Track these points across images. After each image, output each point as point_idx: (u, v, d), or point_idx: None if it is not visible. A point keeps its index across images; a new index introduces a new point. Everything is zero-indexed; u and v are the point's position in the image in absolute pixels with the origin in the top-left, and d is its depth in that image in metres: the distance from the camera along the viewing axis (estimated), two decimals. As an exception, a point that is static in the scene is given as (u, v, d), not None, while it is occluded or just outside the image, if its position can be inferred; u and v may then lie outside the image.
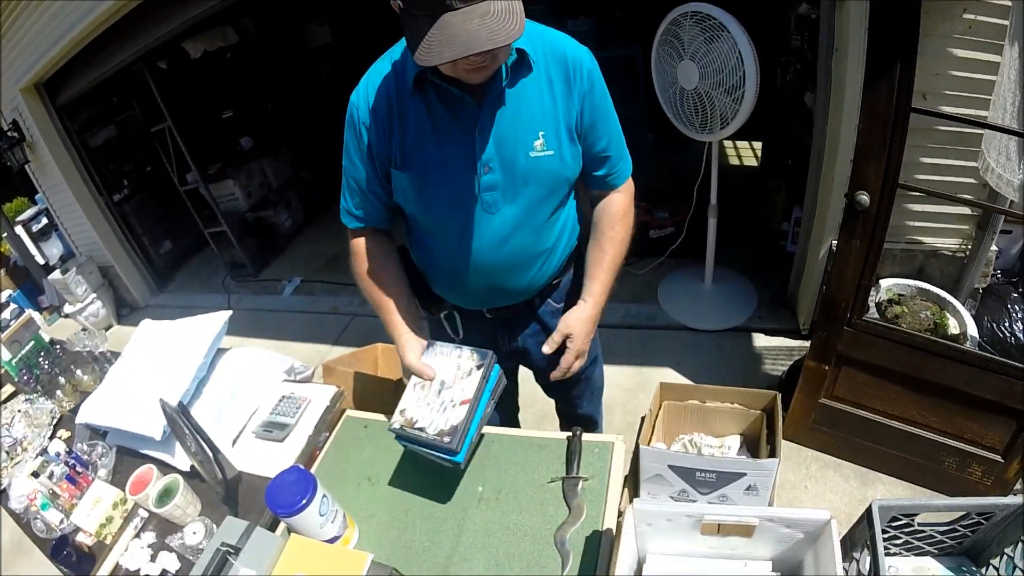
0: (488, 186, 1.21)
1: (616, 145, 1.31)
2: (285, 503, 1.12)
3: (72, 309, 4.27)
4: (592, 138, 1.26)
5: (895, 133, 1.61)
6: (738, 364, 2.78)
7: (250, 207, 4.71)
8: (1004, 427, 1.87)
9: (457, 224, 1.27)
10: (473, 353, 1.27)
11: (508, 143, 1.18)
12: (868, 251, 1.79)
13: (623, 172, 1.35)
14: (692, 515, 0.94)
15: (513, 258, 1.32)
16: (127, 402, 1.61)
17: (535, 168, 1.21)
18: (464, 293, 1.43)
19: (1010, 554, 0.99)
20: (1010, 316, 2.03)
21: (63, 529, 1.53)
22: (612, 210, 1.37)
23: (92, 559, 1.46)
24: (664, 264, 3.38)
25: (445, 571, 1.19)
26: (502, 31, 0.93)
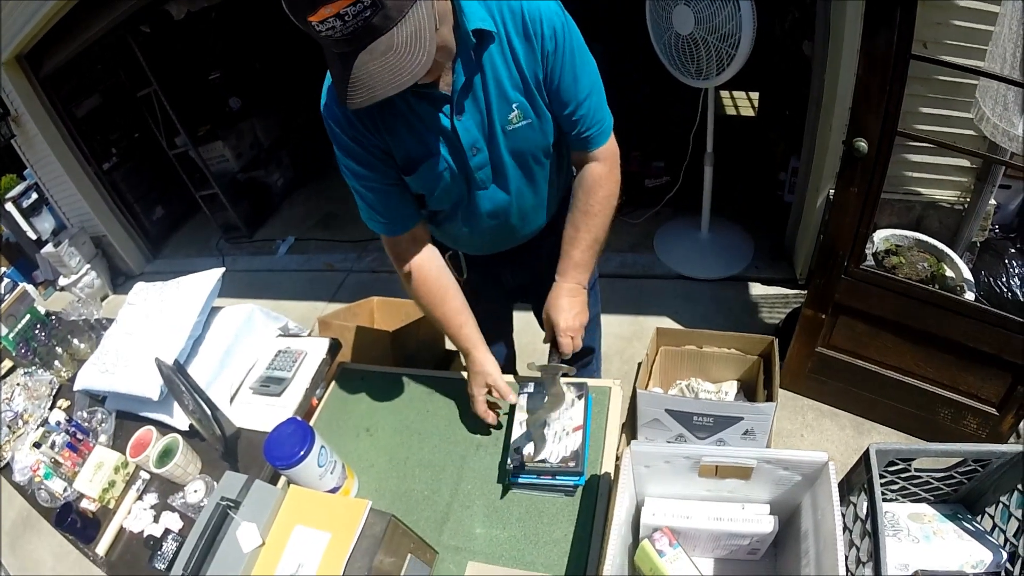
0: (479, 165, 1.21)
1: (591, 104, 1.21)
2: (283, 455, 1.12)
3: (67, 281, 4.25)
4: (563, 98, 1.18)
5: (894, 79, 1.58)
6: (734, 313, 2.79)
7: (241, 168, 4.66)
8: (1000, 380, 1.88)
9: (457, 205, 1.30)
10: (570, 386, 1.30)
11: (487, 121, 1.16)
12: (866, 198, 1.77)
13: (600, 134, 1.26)
14: (690, 457, 0.94)
15: (511, 220, 1.35)
16: (123, 365, 1.60)
17: (516, 141, 1.20)
18: (468, 245, 1.47)
19: (1005, 502, 1.00)
20: (1007, 271, 2.02)
21: (67, 497, 1.54)
22: (587, 181, 1.29)
23: (97, 524, 1.48)
24: (660, 213, 3.36)
25: (445, 518, 1.21)
26: (406, 68, 0.86)
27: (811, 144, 2.55)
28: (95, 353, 1.72)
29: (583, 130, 1.23)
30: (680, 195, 3.19)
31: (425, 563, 1.09)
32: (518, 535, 1.15)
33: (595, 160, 1.28)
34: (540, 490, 1.20)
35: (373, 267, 3.90)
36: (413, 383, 1.53)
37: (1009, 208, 2.30)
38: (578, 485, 1.17)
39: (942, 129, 1.99)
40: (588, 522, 1.12)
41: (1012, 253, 2.05)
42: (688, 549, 1.01)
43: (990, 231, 2.23)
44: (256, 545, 1.01)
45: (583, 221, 1.30)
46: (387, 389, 1.53)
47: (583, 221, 1.30)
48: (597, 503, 1.14)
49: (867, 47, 1.60)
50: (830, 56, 2.24)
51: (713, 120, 2.73)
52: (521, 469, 1.20)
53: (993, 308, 1.81)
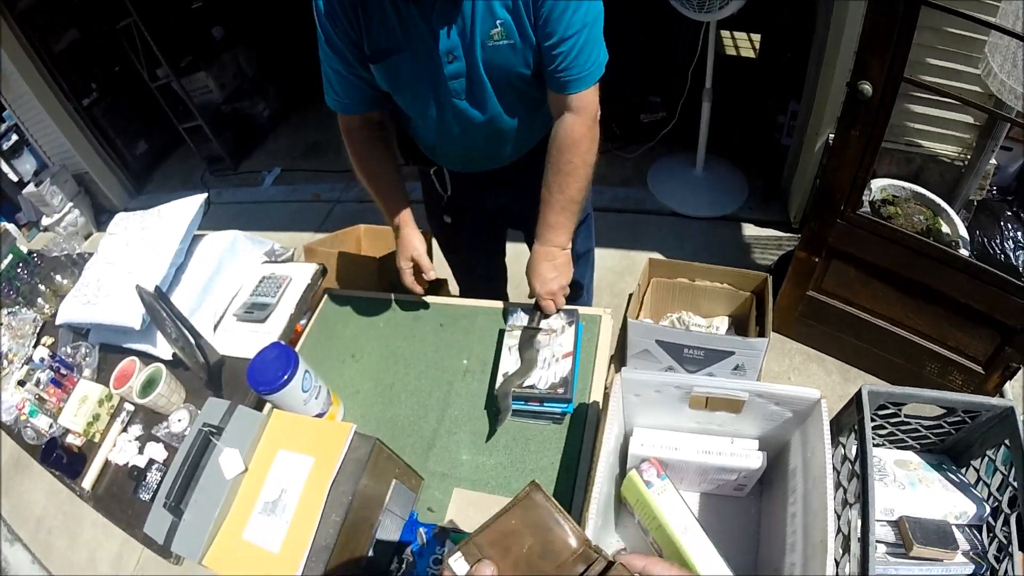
0: (454, 74, 1.17)
1: (578, 44, 1.13)
2: (266, 380, 1.11)
3: (50, 221, 4.19)
4: (548, 28, 1.11)
5: (904, 23, 1.52)
6: (727, 252, 2.79)
7: (225, 99, 4.53)
8: (988, 339, 1.89)
9: (430, 110, 1.26)
10: (560, 312, 1.27)
11: (468, 31, 1.12)
12: (867, 143, 1.74)
13: (578, 80, 1.16)
14: (681, 386, 0.93)
15: (488, 138, 1.32)
16: (105, 295, 1.57)
17: (495, 58, 1.15)
18: (447, 160, 1.44)
19: (992, 456, 0.99)
20: (1002, 233, 2.01)
21: (52, 433, 1.53)
22: (561, 138, 1.22)
23: (82, 458, 1.47)
24: (654, 149, 3.32)
25: (431, 444, 1.21)
26: None
27: (812, 87, 2.50)
28: (76, 285, 1.69)
29: (561, 69, 1.15)
30: (676, 131, 3.15)
31: (410, 489, 1.08)
32: (504, 462, 1.14)
33: (571, 111, 1.20)
34: (527, 417, 1.19)
35: (361, 197, 3.84)
36: (399, 309, 1.52)
37: (1008, 170, 2.28)
38: (566, 413, 1.16)
39: (949, 82, 1.94)
40: (575, 450, 1.12)
41: (1008, 216, 2.04)
42: (675, 482, 1.00)
43: (988, 191, 2.21)
44: (239, 471, 1.00)
45: (557, 182, 1.24)
46: (373, 315, 1.51)
47: (557, 182, 1.24)
48: (584, 432, 1.14)
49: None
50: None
51: (713, 56, 2.67)
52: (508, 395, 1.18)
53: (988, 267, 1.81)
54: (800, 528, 0.86)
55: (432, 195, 1.60)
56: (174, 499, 1.00)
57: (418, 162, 1.52)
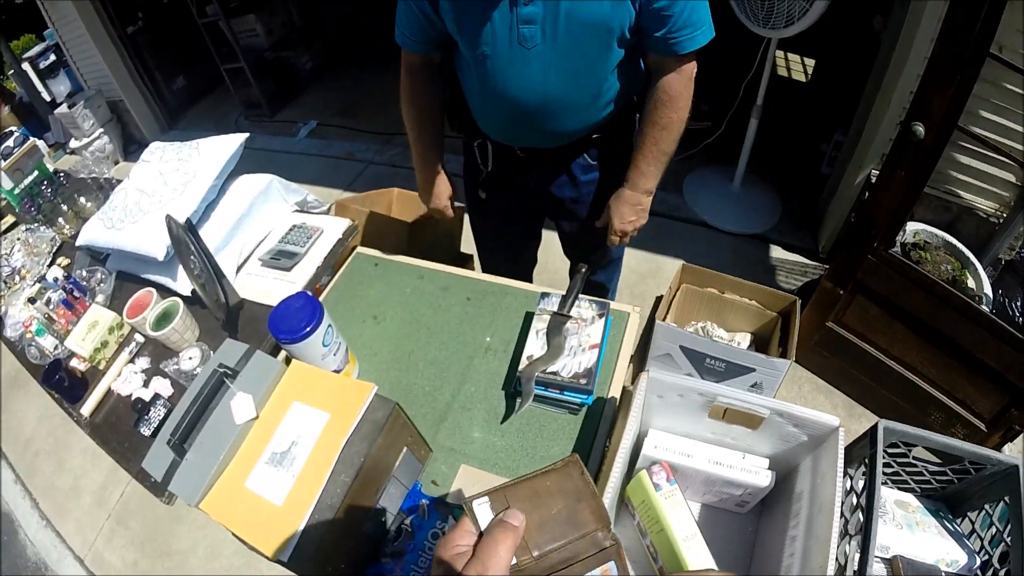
0: (527, 18, 1.13)
1: (683, 6, 1.13)
2: (289, 328, 1.09)
3: (78, 144, 4.19)
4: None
5: (965, 72, 1.51)
6: (751, 271, 2.77)
7: (271, 45, 4.53)
8: (996, 397, 1.88)
9: (492, 54, 1.21)
10: (592, 303, 1.26)
11: None
12: (911, 185, 1.73)
13: (689, 40, 1.18)
14: (705, 394, 0.92)
15: (546, 100, 1.27)
16: (131, 222, 1.56)
17: (580, 9, 1.11)
18: (495, 123, 1.41)
19: (989, 510, 1.00)
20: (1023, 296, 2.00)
21: (57, 354, 1.52)
22: (662, 94, 1.27)
23: (84, 384, 1.46)
24: (694, 157, 3.29)
25: (443, 417, 1.20)
26: None
27: (861, 121, 2.48)
28: (102, 208, 1.68)
29: (672, 31, 1.16)
30: (719, 143, 3.12)
31: (418, 459, 1.08)
32: (515, 445, 1.14)
33: (674, 72, 1.23)
34: (547, 403, 1.18)
35: (395, 161, 3.85)
36: (427, 277, 1.50)
37: (1041, 236, 2.27)
38: (585, 404, 1.15)
39: (998, 138, 1.93)
40: (587, 443, 1.11)
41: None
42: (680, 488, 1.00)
43: (1017, 253, 2.20)
44: (250, 417, 0.99)
45: (652, 134, 1.32)
46: (400, 279, 1.50)
47: (652, 134, 1.32)
48: (600, 426, 1.13)
49: (945, 34, 1.54)
50: (903, 35, 2.14)
51: (769, 74, 2.65)
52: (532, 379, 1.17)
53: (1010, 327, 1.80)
54: (799, 553, 0.86)
55: (472, 168, 1.60)
56: (179, 438, 0.98)
57: (463, 131, 1.51)
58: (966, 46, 1.48)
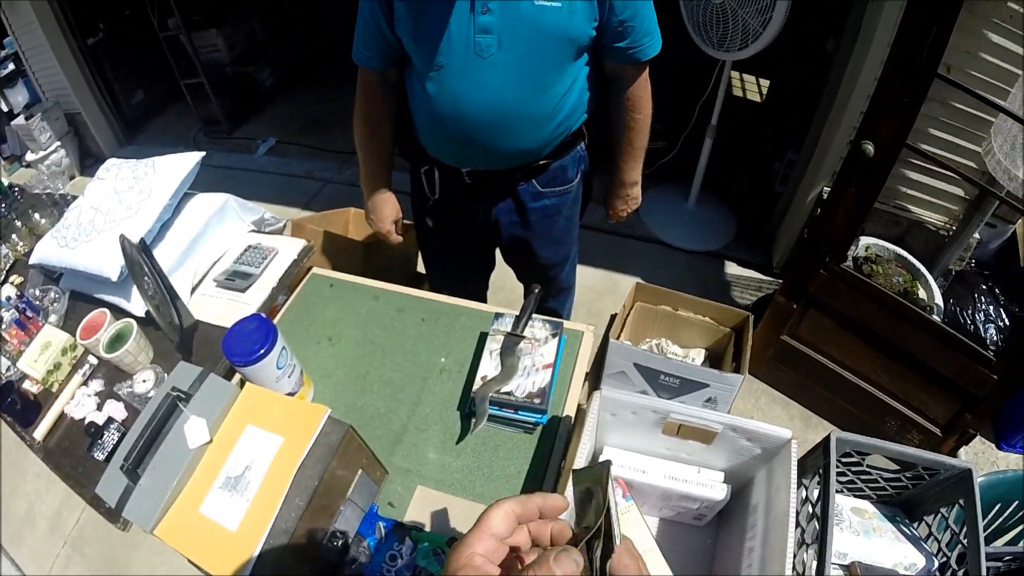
0: (483, 28, 1.13)
1: (643, 18, 1.21)
2: (243, 351, 1.08)
3: (34, 157, 4.08)
4: (616, 3, 1.16)
5: (914, 92, 1.58)
6: (707, 287, 2.83)
7: (232, 60, 4.48)
8: (950, 404, 1.94)
9: (447, 64, 1.20)
10: (545, 323, 1.27)
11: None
12: (861, 201, 1.79)
13: (649, 47, 1.27)
14: (658, 411, 0.93)
15: (499, 115, 1.25)
16: (85, 241, 1.52)
17: (538, 19, 1.12)
18: (444, 143, 1.38)
19: (945, 514, 1.02)
20: (974, 305, 2.07)
21: (8, 376, 1.47)
22: (627, 101, 1.39)
23: (37, 407, 1.42)
24: (651, 176, 3.30)
25: (398, 439, 1.19)
26: None
27: (814, 140, 2.55)
28: (56, 226, 1.63)
29: (635, 41, 1.23)
30: (674, 162, 3.19)
31: (374, 481, 1.07)
32: (471, 465, 1.13)
33: (635, 79, 1.32)
34: (500, 423, 1.18)
35: (353, 180, 3.82)
36: (383, 297, 1.49)
37: (989, 246, 2.35)
38: (539, 423, 1.16)
39: (946, 154, 2.01)
40: (543, 461, 1.12)
41: (983, 289, 2.10)
42: (638, 504, 1.01)
43: (967, 263, 2.28)
44: (203, 441, 0.97)
45: (627, 136, 1.46)
46: (355, 300, 1.49)
47: (627, 136, 1.46)
48: (555, 444, 1.14)
49: (895, 56, 1.60)
50: (854, 57, 2.22)
51: (723, 94, 2.71)
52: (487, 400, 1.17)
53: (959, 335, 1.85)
54: (757, 563, 0.88)
55: (419, 196, 1.59)
56: (132, 463, 0.96)
57: (410, 157, 1.51)
58: (914, 68, 1.54)
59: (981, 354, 1.77)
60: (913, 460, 1.00)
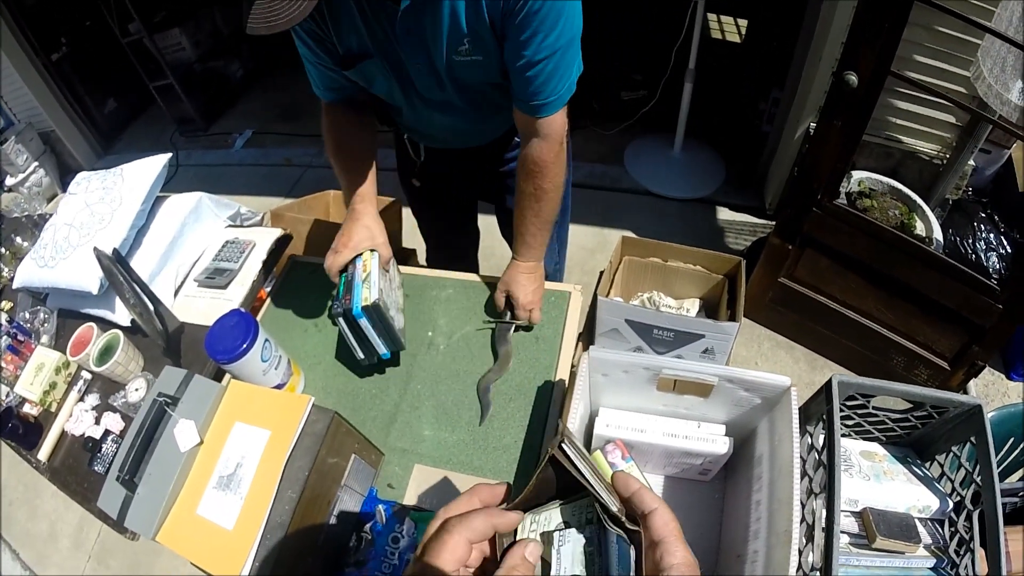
0: (424, 82, 1.15)
1: (547, 71, 1.07)
2: (225, 349, 1.08)
3: (14, 181, 4.05)
4: (511, 50, 1.05)
5: (895, 16, 1.52)
6: (700, 235, 2.80)
7: (199, 57, 4.40)
8: (956, 336, 1.91)
9: (404, 107, 1.27)
10: None
11: (433, 45, 1.06)
12: (848, 135, 1.74)
13: (545, 106, 1.12)
14: (650, 368, 0.91)
15: (458, 134, 1.33)
16: (62, 258, 1.51)
17: (463, 73, 1.12)
18: (421, 139, 1.44)
19: (957, 452, 1.00)
20: (974, 233, 2.03)
21: (8, 402, 1.48)
22: (530, 165, 1.20)
23: (39, 429, 1.42)
24: (633, 127, 3.30)
25: (392, 418, 1.18)
26: (283, 13, 0.85)
27: (796, 76, 2.50)
28: (34, 247, 1.62)
29: (529, 94, 1.10)
30: (656, 111, 3.13)
31: (370, 464, 1.06)
32: (466, 439, 1.13)
33: (538, 136, 1.17)
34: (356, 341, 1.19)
35: None
36: (364, 278, 1.48)
37: (986, 173, 2.31)
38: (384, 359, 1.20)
39: (935, 80, 1.94)
40: (539, 429, 1.11)
41: (982, 217, 2.06)
42: (639, 464, 0.99)
43: (964, 192, 2.24)
44: (194, 444, 0.97)
45: (530, 206, 1.26)
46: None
47: (530, 206, 1.26)
48: (550, 410, 1.12)
49: (872, -21, 1.53)
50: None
51: (699, 37, 2.65)
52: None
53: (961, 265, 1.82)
54: (764, 516, 0.86)
55: (405, 159, 1.59)
56: (127, 472, 0.96)
57: (392, 126, 1.49)
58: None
59: (984, 283, 1.74)
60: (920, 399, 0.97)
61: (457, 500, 0.52)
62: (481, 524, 0.48)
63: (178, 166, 1.48)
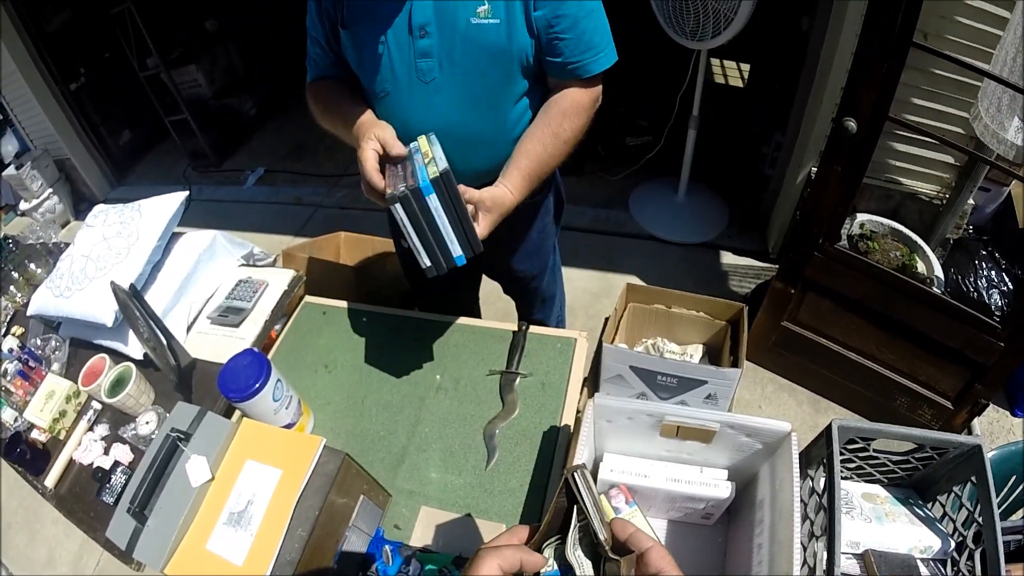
0: (423, 52, 1.10)
1: (583, 29, 1.10)
2: (238, 387, 1.10)
3: (28, 206, 4.11)
4: (548, 15, 1.07)
5: (891, 64, 1.55)
6: (704, 279, 2.81)
7: (214, 94, 4.49)
8: (958, 375, 1.91)
9: (392, 90, 1.17)
10: None
11: (449, 6, 1.06)
12: (848, 179, 1.77)
13: (589, 64, 1.14)
14: (653, 414, 0.93)
15: (453, 137, 1.18)
16: (78, 289, 1.54)
17: (476, 37, 1.08)
18: None
19: (958, 492, 1.01)
20: (976, 272, 2.05)
21: (17, 427, 1.49)
22: (564, 103, 1.17)
23: (46, 456, 1.44)
24: (638, 172, 3.34)
25: (400, 461, 1.20)
26: None
27: (798, 120, 2.53)
28: (50, 276, 1.65)
29: (572, 56, 1.11)
30: (660, 156, 3.17)
31: (378, 505, 1.08)
32: (473, 482, 1.14)
33: (579, 84, 1.17)
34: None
35: (343, 203, 3.85)
36: (375, 320, 1.50)
37: (985, 211, 2.33)
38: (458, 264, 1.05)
39: (932, 122, 1.98)
40: (545, 473, 1.12)
41: (983, 255, 2.08)
42: (643, 509, 1.00)
43: (964, 230, 2.25)
44: (205, 479, 0.99)
45: (550, 140, 1.17)
46: (348, 325, 1.50)
47: (550, 140, 1.17)
48: (555, 454, 1.14)
49: (868, 28, 1.57)
50: (829, 33, 2.20)
51: (702, 84, 2.69)
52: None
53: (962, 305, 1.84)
54: (766, 559, 0.87)
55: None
56: (138, 505, 0.98)
57: None
58: (888, 38, 1.51)
59: (985, 322, 1.75)
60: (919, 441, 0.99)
61: (498, 536, 0.58)
62: (511, 555, 0.54)
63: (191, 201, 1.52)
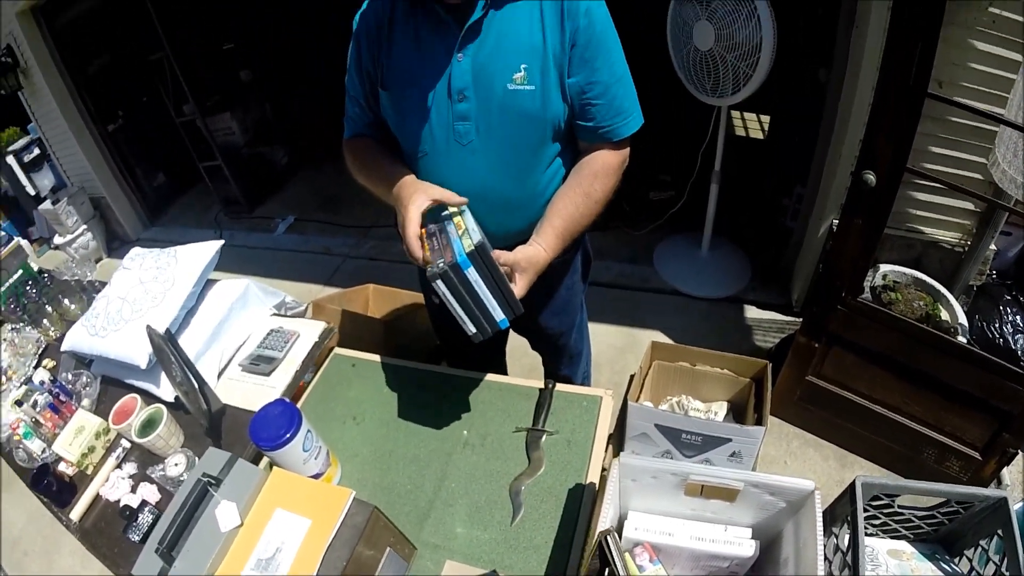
0: (461, 115, 1.15)
1: (614, 95, 1.16)
2: (269, 436, 1.12)
3: (62, 241, 4.22)
4: (581, 82, 1.13)
5: (908, 115, 1.57)
6: (728, 334, 2.79)
7: (247, 142, 4.63)
8: (986, 425, 1.88)
9: (431, 152, 1.21)
10: None
11: (486, 72, 1.11)
12: (869, 231, 1.78)
13: (619, 128, 1.20)
14: (677, 474, 0.94)
15: (484, 197, 1.21)
16: (113, 329, 1.58)
17: (512, 103, 1.13)
18: None
19: (985, 546, 1.00)
20: (1001, 317, 2.03)
21: (44, 458, 1.52)
22: (596, 164, 1.22)
23: (73, 489, 1.46)
24: (662, 227, 3.36)
25: (426, 515, 1.20)
26: None
27: (818, 172, 2.55)
28: (85, 315, 1.70)
29: (603, 122, 1.18)
30: (683, 210, 3.20)
31: (403, 558, 1.08)
32: (498, 538, 1.14)
33: (609, 147, 1.23)
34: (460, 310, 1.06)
35: (371, 254, 3.90)
36: (404, 375, 1.52)
37: (1008, 255, 2.32)
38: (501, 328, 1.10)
39: (951, 170, 2.00)
40: (570, 529, 1.12)
41: (1007, 300, 2.06)
42: (667, 567, 1.00)
43: (987, 276, 2.24)
44: (234, 525, 1.01)
45: (581, 200, 1.22)
46: (377, 378, 1.52)
47: (581, 200, 1.22)
48: (580, 512, 1.14)
49: (884, 81, 1.60)
50: (846, 85, 2.24)
51: (724, 139, 2.73)
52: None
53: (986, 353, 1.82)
54: (790, 619, 0.87)
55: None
56: (167, 545, 0.99)
57: None
58: (905, 88, 1.54)
59: (1010, 370, 1.73)
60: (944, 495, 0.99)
61: None
62: None
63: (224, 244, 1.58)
